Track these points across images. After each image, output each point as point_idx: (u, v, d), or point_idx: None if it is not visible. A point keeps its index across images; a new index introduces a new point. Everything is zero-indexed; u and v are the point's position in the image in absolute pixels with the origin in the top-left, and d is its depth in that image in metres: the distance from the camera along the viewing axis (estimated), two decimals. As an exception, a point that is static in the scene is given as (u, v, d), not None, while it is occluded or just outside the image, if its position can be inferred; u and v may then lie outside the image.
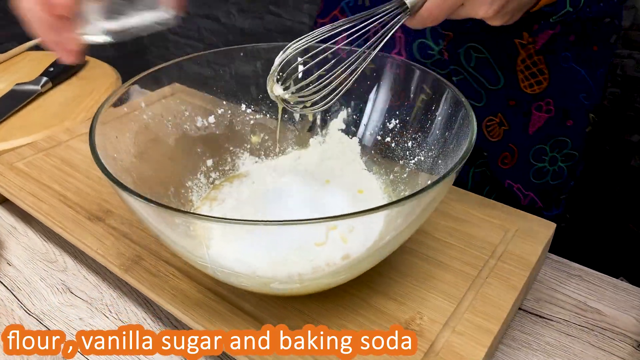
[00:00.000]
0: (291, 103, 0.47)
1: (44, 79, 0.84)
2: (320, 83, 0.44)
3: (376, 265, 0.49)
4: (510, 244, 0.52)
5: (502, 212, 0.56)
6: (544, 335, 0.49)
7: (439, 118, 0.48)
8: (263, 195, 0.51)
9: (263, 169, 0.56)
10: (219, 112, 0.56)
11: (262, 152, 0.58)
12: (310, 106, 0.46)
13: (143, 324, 0.50)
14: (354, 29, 0.43)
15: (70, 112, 0.78)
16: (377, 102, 0.54)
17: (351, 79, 0.44)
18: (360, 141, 0.56)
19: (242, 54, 0.55)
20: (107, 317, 0.51)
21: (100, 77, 0.90)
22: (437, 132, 0.48)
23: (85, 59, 0.94)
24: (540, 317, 0.51)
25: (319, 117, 0.57)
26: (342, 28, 0.43)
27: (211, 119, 0.55)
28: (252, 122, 0.57)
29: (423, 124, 0.50)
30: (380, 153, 0.55)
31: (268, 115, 0.58)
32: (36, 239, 0.60)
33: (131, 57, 1.87)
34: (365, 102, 0.55)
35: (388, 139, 0.54)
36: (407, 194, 0.48)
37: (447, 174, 0.37)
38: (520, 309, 0.51)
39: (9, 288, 0.54)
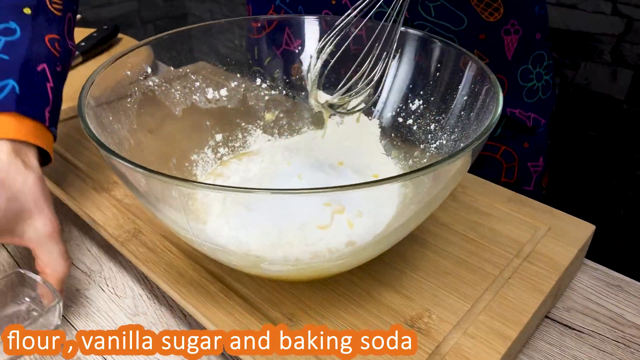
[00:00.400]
0: (335, 107, 0.44)
1: (75, 52, 0.84)
2: (364, 79, 0.41)
3: (384, 256, 0.45)
4: (539, 243, 0.47)
5: (533, 208, 0.50)
6: (572, 349, 0.43)
7: (464, 96, 0.43)
8: (271, 174, 0.48)
9: (275, 148, 0.53)
10: (232, 85, 0.53)
11: (276, 131, 0.54)
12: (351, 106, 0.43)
13: (139, 299, 0.48)
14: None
15: (96, 87, 0.78)
16: (400, 81, 0.50)
17: (388, 66, 0.41)
18: (381, 123, 0.52)
19: (259, 25, 0.52)
20: (103, 291, 0.49)
21: (132, 55, 0.89)
22: (462, 112, 0.43)
23: (119, 36, 0.94)
24: (570, 328, 0.45)
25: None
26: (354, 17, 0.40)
27: (223, 91, 0.52)
28: (267, 98, 0.54)
29: (447, 104, 0.45)
30: (400, 136, 0.50)
31: (284, 92, 0.54)
32: (46, 208, 0.59)
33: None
34: (387, 81, 0.51)
35: (410, 121, 0.50)
36: (426, 180, 0.43)
37: (470, 144, 0.32)
38: (547, 317, 0.46)
39: (12, 254, 0.53)
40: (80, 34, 0.97)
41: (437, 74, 0.47)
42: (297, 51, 0.53)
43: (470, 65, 0.42)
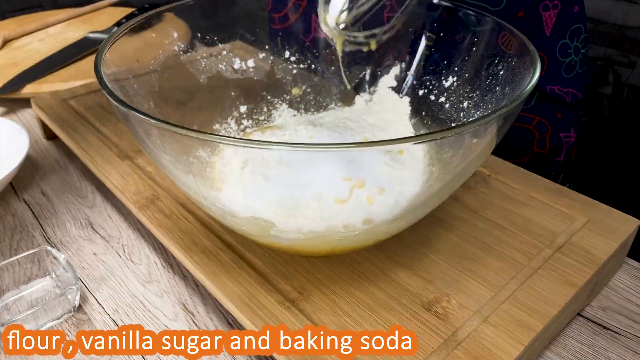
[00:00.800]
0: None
1: (115, 29, 0.85)
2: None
3: (405, 237, 0.42)
4: (575, 235, 0.43)
5: (572, 199, 0.47)
6: (606, 350, 0.40)
7: (500, 70, 0.40)
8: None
9: (300, 122, 0.51)
10: (260, 56, 0.51)
11: (302, 106, 0.53)
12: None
13: (153, 267, 0.47)
14: None
15: (133, 61, 0.78)
16: (433, 56, 0.47)
17: None
18: (412, 101, 0.49)
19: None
20: (120, 256, 0.49)
21: (171, 32, 0.89)
22: (497, 87, 0.41)
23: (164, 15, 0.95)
24: (605, 328, 0.41)
25: (368, 72, 0.52)
26: None
27: (250, 62, 0.51)
28: (294, 71, 0.53)
29: (482, 79, 0.43)
30: (431, 115, 0.48)
31: (313, 65, 0.53)
32: (74, 175, 0.60)
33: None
34: (420, 57, 0.49)
35: (442, 98, 0.47)
36: (450, 155, 0.41)
37: (504, 107, 0.30)
38: (579, 315, 0.42)
39: (36, 215, 0.54)
40: (120, 13, 0.99)
41: (473, 47, 0.44)
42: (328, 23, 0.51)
43: (507, 38, 0.39)
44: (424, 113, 0.48)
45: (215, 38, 0.49)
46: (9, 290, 0.44)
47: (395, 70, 0.50)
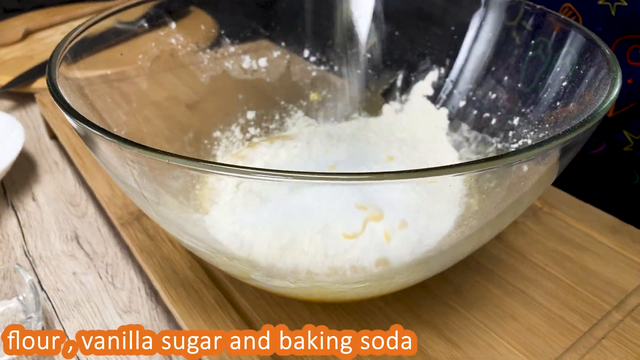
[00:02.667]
0: None
1: (143, 19, 0.80)
2: None
3: (429, 283, 0.34)
4: (653, 295, 0.34)
5: (649, 246, 0.37)
6: None
7: (563, 81, 0.31)
8: (301, 163, 0.39)
9: (315, 133, 0.44)
10: (274, 55, 0.44)
11: (321, 114, 0.45)
12: None
13: (135, 294, 0.41)
14: None
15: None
16: (476, 61, 0.39)
17: None
18: (450, 113, 0.41)
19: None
20: (101, 278, 0.42)
21: (198, 25, 0.84)
22: (558, 102, 0.32)
23: (190, 9, 0.90)
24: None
25: (400, 77, 0.43)
26: None
27: (262, 61, 0.44)
28: (314, 74, 0.45)
29: (538, 91, 0.34)
30: (473, 131, 0.39)
31: (336, 67, 0.45)
32: (70, 179, 0.54)
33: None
34: (464, 62, 0.40)
35: (487, 113, 0.38)
36: (492, 185, 0.32)
37: (566, 134, 0.21)
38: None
39: (21, 223, 0.49)
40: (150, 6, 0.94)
41: (529, 52, 0.35)
42: (354, 17, 0.43)
43: (573, 38, 0.31)
44: (463, 129, 0.40)
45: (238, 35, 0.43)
46: (-31, 311, 0.38)
47: (433, 75, 0.42)
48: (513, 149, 0.35)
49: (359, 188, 0.35)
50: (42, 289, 0.42)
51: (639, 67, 0.39)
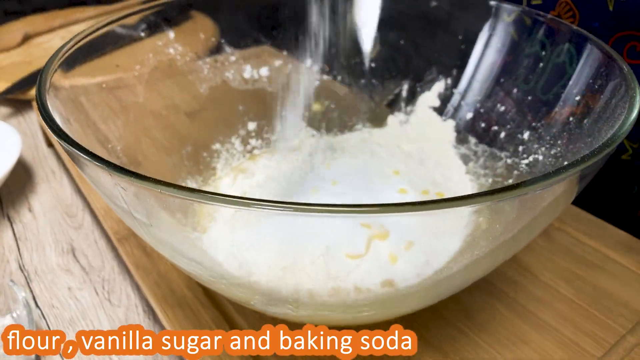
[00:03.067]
0: None
1: (142, 25, 0.79)
2: None
3: (437, 303, 0.33)
4: (670, 318, 0.32)
5: (664, 265, 0.36)
6: None
7: (576, 95, 0.30)
8: (303, 176, 0.38)
9: (318, 144, 0.42)
10: (276, 64, 0.43)
11: (324, 125, 0.44)
12: None
13: (132, 311, 0.39)
14: None
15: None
16: (485, 72, 0.37)
17: None
18: (457, 126, 0.40)
19: (316, -8, 0.42)
20: (97, 294, 0.41)
21: (197, 31, 0.83)
22: (571, 118, 0.30)
23: (191, 14, 0.88)
24: None
25: (405, 87, 0.42)
26: None
27: (264, 71, 0.43)
28: (317, 83, 0.44)
29: (550, 105, 0.33)
30: (481, 145, 0.38)
31: (339, 77, 0.44)
32: (67, 189, 0.53)
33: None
34: (471, 73, 0.39)
35: (496, 126, 0.37)
36: (509, 208, 0.31)
37: (572, 165, 0.20)
38: None
39: (17, 235, 0.47)
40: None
41: (539, 63, 0.34)
42: (358, 25, 0.42)
43: (589, 51, 0.29)
44: (471, 142, 0.39)
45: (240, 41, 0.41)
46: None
47: (439, 86, 0.41)
48: (524, 165, 0.34)
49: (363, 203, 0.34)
50: (37, 305, 0.41)
51: (638, 66, 0.37)
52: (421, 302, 0.28)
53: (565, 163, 0.29)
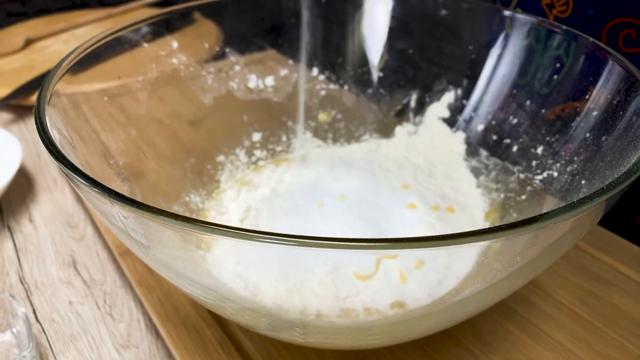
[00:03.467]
0: None
1: (145, 29, 0.78)
2: None
3: (448, 326, 0.32)
4: (688, 339, 0.31)
5: (681, 283, 0.35)
6: None
7: (593, 111, 0.29)
8: (309, 189, 0.37)
9: (324, 156, 0.41)
10: (282, 73, 0.42)
11: (330, 135, 0.43)
12: None
13: (134, 327, 0.39)
14: None
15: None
16: (498, 83, 0.36)
17: None
18: (468, 138, 0.39)
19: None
20: (99, 308, 0.40)
21: (201, 36, 0.82)
22: (588, 134, 0.29)
23: (195, 17, 0.87)
24: None
25: (414, 97, 0.41)
26: None
27: (269, 80, 0.42)
28: (323, 93, 0.43)
29: (565, 120, 0.32)
30: (492, 158, 0.37)
31: (346, 87, 0.43)
32: (69, 198, 0.52)
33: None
34: (483, 83, 0.38)
35: (508, 139, 0.36)
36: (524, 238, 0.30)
37: (597, 194, 0.19)
38: None
39: (17, 247, 0.47)
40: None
41: (554, 76, 0.33)
42: (367, 33, 0.41)
43: (610, 67, 0.28)
44: (482, 155, 0.38)
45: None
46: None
47: (449, 97, 0.40)
48: (538, 181, 0.33)
49: (372, 221, 0.33)
50: (37, 319, 0.40)
51: (634, 55, 0.36)
52: (433, 326, 0.27)
53: (583, 181, 0.28)
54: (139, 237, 0.24)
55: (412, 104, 0.41)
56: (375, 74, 0.42)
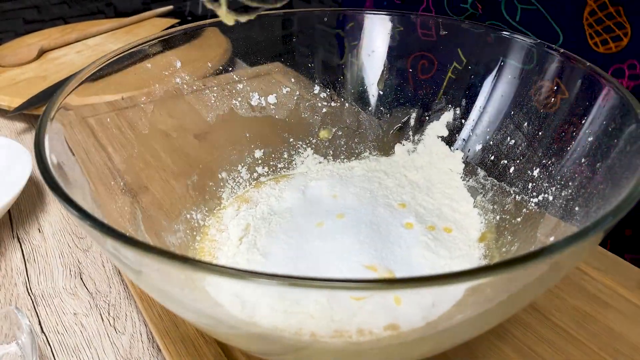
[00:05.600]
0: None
1: (155, 47, 0.79)
2: None
3: (441, 348, 0.32)
4: (684, 364, 0.31)
5: (679, 306, 0.35)
6: None
7: (589, 136, 0.29)
8: (308, 207, 0.37)
9: (324, 173, 0.42)
10: (284, 91, 0.43)
11: (330, 152, 0.44)
12: None
13: (136, 339, 0.39)
14: None
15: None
16: (496, 104, 0.37)
17: None
18: (465, 157, 0.39)
19: (325, 19, 0.41)
20: (103, 320, 0.41)
21: (210, 47, 0.83)
22: (583, 159, 0.30)
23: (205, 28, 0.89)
24: None
25: (413, 115, 0.42)
26: None
27: (271, 98, 0.42)
28: (324, 110, 0.44)
29: (562, 144, 0.32)
30: (490, 179, 0.37)
31: (347, 104, 0.43)
32: (77, 209, 0.53)
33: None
34: (481, 103, 0.38)
35: (505, 160, 0.36)
36: (514, 249, 0.30)
37: (588, 230, 0.19)
38: None
39: (25, 257, 0.48)
40: (164, 24, 0.94)
41: (552, 99, 0.33)
42: (367, 53, 0.41)
43: (606, 93, 0.28)
44: (480, 175, 0.38)
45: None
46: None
47: (448, 116, 0.40)
48: (533, 204, 0.33)
49: (368, 243, 0.33)
50: (42, 330, 0.41)
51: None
52: (426, 350, 0.28)
53: (577, 208, 0.28)
54: (132, 263, 0.24)
55: (412, 122, 0.42)
56: (376, 92, 0.43)
